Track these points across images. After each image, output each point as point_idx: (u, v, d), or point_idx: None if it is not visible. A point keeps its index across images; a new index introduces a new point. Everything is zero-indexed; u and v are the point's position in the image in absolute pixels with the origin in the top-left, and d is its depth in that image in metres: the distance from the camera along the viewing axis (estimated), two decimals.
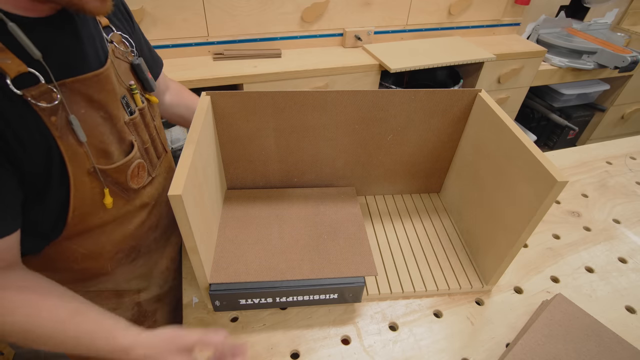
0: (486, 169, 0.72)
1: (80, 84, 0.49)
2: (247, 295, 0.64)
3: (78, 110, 0.49)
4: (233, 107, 0.69)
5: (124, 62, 0.60)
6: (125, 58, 0.60)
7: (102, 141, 0.52)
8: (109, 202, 0.54)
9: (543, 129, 2.33)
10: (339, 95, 0.71)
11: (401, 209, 0.89)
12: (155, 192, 0.66)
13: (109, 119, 0.53)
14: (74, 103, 0.48)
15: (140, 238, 0.65)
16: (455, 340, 0.65)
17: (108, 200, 0.54)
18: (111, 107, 0.53)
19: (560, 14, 2.12)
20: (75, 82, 0.48)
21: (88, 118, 0.50)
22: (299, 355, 0.62)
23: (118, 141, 0.55)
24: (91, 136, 0.50)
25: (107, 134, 0.53)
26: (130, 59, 0.62)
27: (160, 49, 1.51)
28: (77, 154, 0.48)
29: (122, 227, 0.60)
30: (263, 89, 1.50)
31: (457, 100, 0.75)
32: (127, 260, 0.65)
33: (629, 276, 0.79)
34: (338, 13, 1.68)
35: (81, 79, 0.49)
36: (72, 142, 0.48)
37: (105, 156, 0.53)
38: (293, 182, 0.84)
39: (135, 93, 0.60)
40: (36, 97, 0.44)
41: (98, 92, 0.51)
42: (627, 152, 1.18)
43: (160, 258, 0.72)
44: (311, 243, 0.71)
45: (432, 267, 0.76)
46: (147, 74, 0.64)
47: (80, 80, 0.48)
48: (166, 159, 0.71)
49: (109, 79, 0.53)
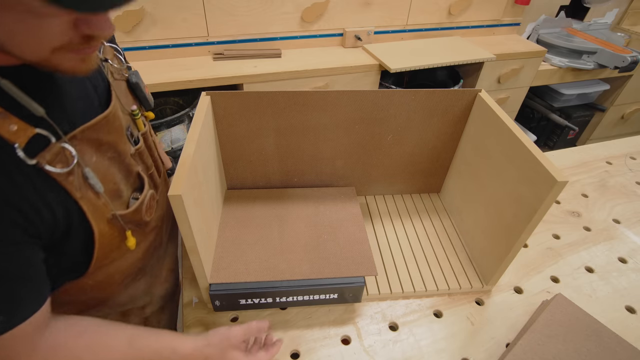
0: (486, 169, 0.72)
1: (90, 131, 0.45)
2: (247, 295, 0.64)
3: (90, 160, 0.45)
4: (233, 107, 0.69)
5: (121, 81, 0.56)
6: (121, 76, 0.56)
7: (115, 182, 0.49)
8: (132, 244, 0.51)
9: (543, 129, 2.33)
10: (339, 95, 0.71)
11: (401, 209, 0.89)
12: (160, 212, 0.63)
13: (117, 158, 0.50)
14: (85, 153, 0.44)
15: (146, 260, 0.62)
16: (455, 340, 0.65)
17: (131, 242, 0.51)
18: (119, 145, 0.50)
19: (560, 14, 2.12)
20: (85, 131, 0.44)
21: (99, 164, 0.47)
22: (299, 355, 0.62)
23: (126, 177, 0.52)
24: (105, 182, 0.47)
25: (117, 173, 0.50)
26: (126, 76, 0.57)
27: (160, 49, 1.51)
28: (97, 207, 0.46)
29: (132, 256, 0.57)
30: (263, 89, 1.50)
31: (457, 100, 0.75)
32: (132, 282, 0.62)
33: (629, 276, 0.79)
34: (338, 13, 1.68)
35: (90, 126, 0.45)
36: (91, 196, 0.45)
37: (117, 197, 0.50)
38: (293, 182, 0.84)
39: (138, 118, 0.57)
40: (51, 161, 0.39)
41: (107, 134, 0.48)
42: (627, 152, 1.18)
43: (161, 269, 0.70)
44: (311, 243, 0.71)
45: (432, 267, 0.76)
46: (145, 90, 0.60)
47: (89, 127, 0.44)
48: (164, 174, 0.69)
49: (116, 117, 0.50)
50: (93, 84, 0.49)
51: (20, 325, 0.40)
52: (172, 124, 1.41)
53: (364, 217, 0.86)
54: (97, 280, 0.53)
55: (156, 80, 1.35)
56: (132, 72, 0.59)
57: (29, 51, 0.34)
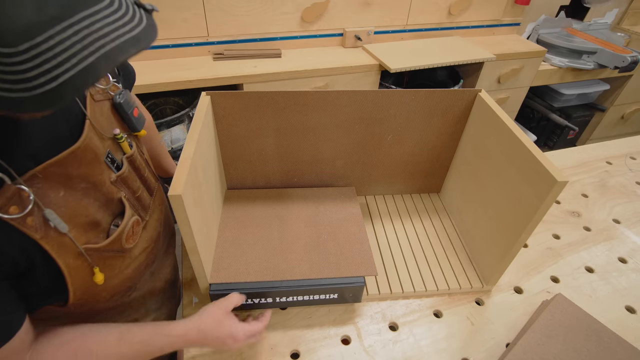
0: (486, 169, 0.72)
1: (55, 167, 0.41)
2: (247, 295, 0.64)
3: (56, 196, 0.42)
4: (233, 107, 0.69)
5: (105, 101, 0.52)
6: (106, 95, 0.52)
7: (87, 215, 0.46)
8: (100, 279, 0.48)
9: (543, 129, 2.33)
10: (339, 95, 0.71)
11: (401, 209, 0.89)
12: (153, 233, 0.59)
13: (92, 188, 0.46)
14: (49, 189, 0.41)
15: (137, 277, 0.59)
16: (455, 340, 0.65)
17: (98, 278, 0.48)
18: (93, 176, 0.46)
19: (560, 14, 2.12)
20: (49, 168, 0.40)
21: (69, 198, 0.43)
22: (299, 355, 0.62)
23: (105, 204, 0.49)
24: (75, 216, 0.44)
25: (92, 204, 0.46)
26: (112, 95, 0.53)
27: (160, 49, 1.51)
28: (62, 244, 0.42)
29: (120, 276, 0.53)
30: (263, 89, 1.50)
31: (457, 100, 0.75)
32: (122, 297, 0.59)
33: (629, 276, 0.79)
34: (338, 13, 1.68)
35: (55, 163, 0.41)
36: (54, 235, 0.41)
37: (93, 227, 0.47)
38: (293, 182, 0.84)
39: (122, 141, 0.53)
40: (3, 206, 0.36)
41: (77, 168, 0.44)
42: (627, 152, 1.18)
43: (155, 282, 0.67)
44: (311, 243, 0.71)
45: (432, 267, 0.76)
46: (132, 112, 0.55)
47: (53, 164, 0.41)
48: (159, 191, 0.65)
49: (89, 148, 0.45)
50: (64, 112, 0.45)
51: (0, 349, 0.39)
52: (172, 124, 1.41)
53: (364, 217, 0.86)
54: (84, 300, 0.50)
55: (156, 80, 1.35)
56: (119, 92, 0.54)
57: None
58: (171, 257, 0.74)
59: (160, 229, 0.63)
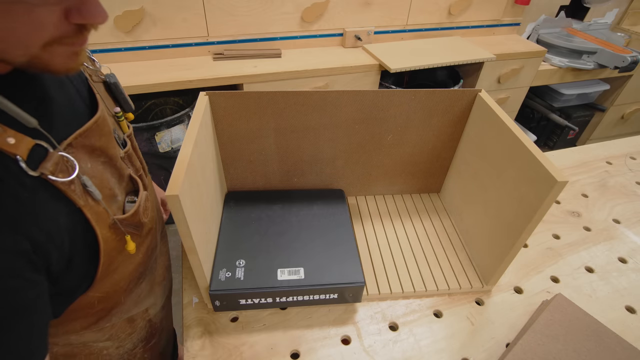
0: (486, 169, 0.72)
1: (83, 137, 0.44)
2: (247, 296, 0.64)
3: (86, 167, 0.44)
4: (233, 107, 0.69)
5: (99, 83, 0.54)
6: (98, 78, 0.54)
7: (110, 187, 0.48)
8: (132, 248, 0.51)
9: (543, 129, 2.33)
10: (339, 95, 0.71)
11: (401, 209, 0.89)
12: (152, 214, 0.62)
13: (109, 162, 0.49)
14: (81, 160, 0.43)
15: (145, 262, 0.62)
16: (455, 340, 0.65)
17: (131, 246, 0.51)
18: (110, 149, 0.49)
19: (560, 14, 2.12)
20: (78, 138, 0.43)
21: (94, 170, 0.46)
22: (299, 355, 0.62)
23: (119, 181, 0.51)
24: (101, 188, 0.46)
25: (110, 178, 0.49)
26: (103, 76, 0.55)
27: (160, 49, 1.51)
28: (99, 214, 0.45)
29: (134, 260, 0.56)
30: (263, 89, 1.50)
31: (457, 100, 0.75)
32: (136, 286, 0.62)
33: (629, 276, 0.79)
34: (338, 13, 1.68)
35: (83, 132, 0.44)
36: (92, 204, 0.44)
37: (113, 201, 0.49)
38: (293, 182, 0.84)
39: (122, 120, 0.56)
40: (54, 171, 0.38)
41: (98, 139, 0.47)
42: (627, 152, 1.18)
43: (158, 269, 0.70)
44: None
45: (432, 267, 0.76)
46: (124, 92, 0.58)
47: (81, 133, 0.43)
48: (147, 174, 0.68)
49: (105, 121, 0.49)
50: (76, 88, 0.48)
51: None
52: (172, 124, 1.41)
53: (363, 217, 0.86)
54: (104, 291, 0.52)
55: (156, 80, 1.35)
56: (109, 74, 0.57)
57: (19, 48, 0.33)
58: (165, 242, 0.76)
59: (156, 212, 0.65)
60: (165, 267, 0.74)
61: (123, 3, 1.37)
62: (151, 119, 1.60)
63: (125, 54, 1.46)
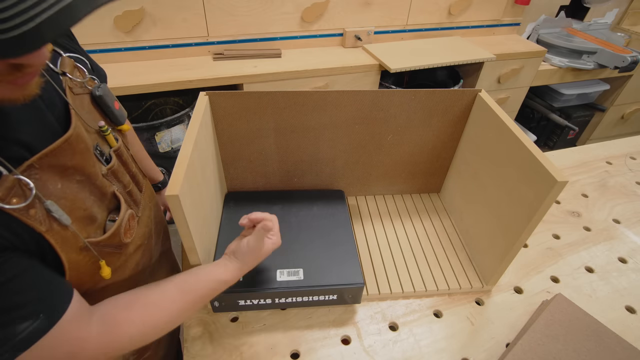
0: (486, 169, 0.72)
1: (50, 157, 0.41)
2: (247, 296, 0.64)
3: (55, 188, 0.41)
4: (233, 107, 0.69)
5: (84, 95, 0.51)
6: (84, 89, 0.52)
7: (85, 208, 0.45)
8: (107, 274, 0.49)
9: (543, 129, 2.33)
10: (339, 95, 0.71)
11: (401, 209, 0.89)
12: (145, 229, 0.59)
13: (86, 181, 0.46)
14: (47, 181, 0.40)
15: (137, 280, 0.59)
16: (455, 340, 0.65)
17: (105, 272, 0.48)
18: (87, 167, 0.46)
19: (560, 14, 2.12)
20: (44, 158, 0.40)
21: (66, 190, 0.43)
22: (299, 355, 0.62)
23: (100, 199, 0.48)
24: (74, 209, 0.43)
25: (88, 198, 0.46)
26: (91, 89, 0.53)
27: (160, 49, 1.51)
28: (65, 238, 0.42)
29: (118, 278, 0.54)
30: (263, 89, 1.50)
31: (457, 100, 0.75)
32: None
33: (629, 276, 0.79)
34: (338, 13, 1.68)
35: (49, 152, 0.40)
36: (57, 229, 0.41)
37: (90, 222, 0.46)
38: (293, 182, 0.84)
39: (107, 134, 0.52)
40: (4, 197, 0.35)
41: (71, 158, 0.44)
42: (627, 152, 1.18)
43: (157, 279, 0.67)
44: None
45: (432, 267, 0.76)
46: (113, 105, 0.55)
47: (48, 153, 0.40)
48: (147, 187, 0.65)
49: (80, 137, 0.45)
50: (47, 104, 0.44)
51: (64, 317, 0.40)
52: (172, 124, 1.41)
53: (363, 217, 0.86)
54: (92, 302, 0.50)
55: (156, 80, 1.35)
56: (97, 85, 0.54)
57: None
58: (169, 257, 0.74)
59: (152, 226, 0.63)
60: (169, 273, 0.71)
61: (123, 3, 1.37)
62: (151, 119, 1.60)
63: (125, 54, 1.46)
